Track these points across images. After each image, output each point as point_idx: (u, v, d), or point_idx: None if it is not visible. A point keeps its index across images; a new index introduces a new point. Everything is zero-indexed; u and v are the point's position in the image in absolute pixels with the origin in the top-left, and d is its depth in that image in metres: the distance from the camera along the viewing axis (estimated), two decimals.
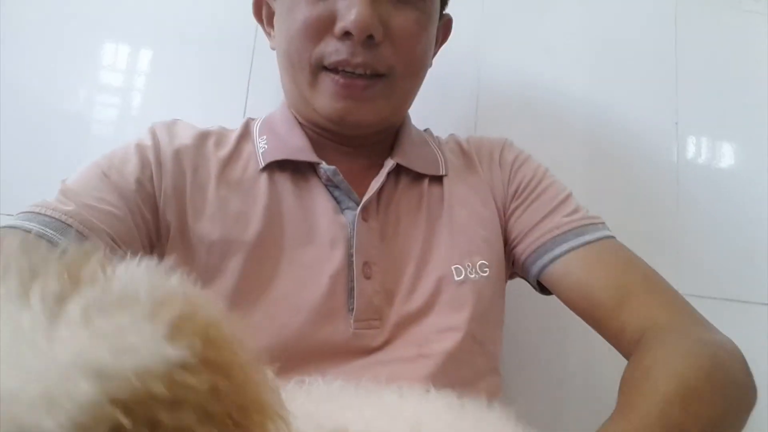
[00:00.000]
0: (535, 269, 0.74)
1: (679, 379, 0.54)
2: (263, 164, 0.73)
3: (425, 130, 0.88)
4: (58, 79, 1.00)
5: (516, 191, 0.79)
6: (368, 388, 0.52)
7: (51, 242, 0.58)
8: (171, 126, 0.75)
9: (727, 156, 1.16)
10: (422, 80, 0.79)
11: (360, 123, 0.73)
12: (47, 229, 0.59)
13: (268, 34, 0.81)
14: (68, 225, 0.60)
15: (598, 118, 1.13)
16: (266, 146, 0.75)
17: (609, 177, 1.11)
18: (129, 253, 0.61)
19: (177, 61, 1.04)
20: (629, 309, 0.66)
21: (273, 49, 0.78)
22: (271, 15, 0.78)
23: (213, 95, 1.03)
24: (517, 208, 0.78)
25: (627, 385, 0.57)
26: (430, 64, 0.80)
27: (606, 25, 1.16)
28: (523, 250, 0.75)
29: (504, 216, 0.78)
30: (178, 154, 0.71)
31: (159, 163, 0.70)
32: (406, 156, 0.78)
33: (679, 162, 1.12)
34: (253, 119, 0.82)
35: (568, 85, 1.12)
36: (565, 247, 0.72)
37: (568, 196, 0.77)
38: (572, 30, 1.15)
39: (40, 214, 0.60)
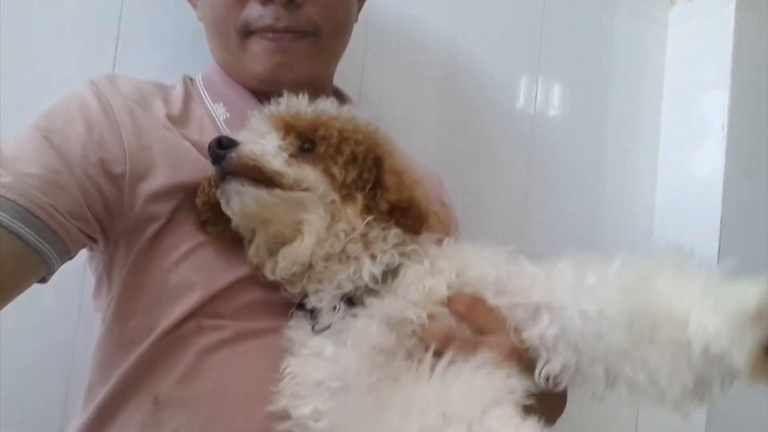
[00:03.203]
0: None
1: None
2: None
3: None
4: None
5: None
6: None
7: None
8: (113, 80, 0.72)
9: (579, 110, 1.29)
10: (349, 37, 0.82)
11: (292, 80, 0.74)
12: None
13: (194, 6, 0.82)
14: (7, 199, 0.55)
15: (457, 60, 1.18)
16: (228, 115, 0.76)
17: (462, 121, 1.17)
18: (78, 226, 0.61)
19: None
20: None
21: (200, 20, 0.80)
22: None
23: None
24: None
25: None
26: (356, 20, 0.83)
27: None
28: None
29: None
30: (131, 110, 0.68)
31: (113, 122, 0.66)
32: None
33: (536, 114, 1.24)
34: (191, 79, 0.81)
35: (428, 24, 1.14)
36: None
37: None
38: None
39: None
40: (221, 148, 0.61)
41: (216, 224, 0.67)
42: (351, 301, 0.62)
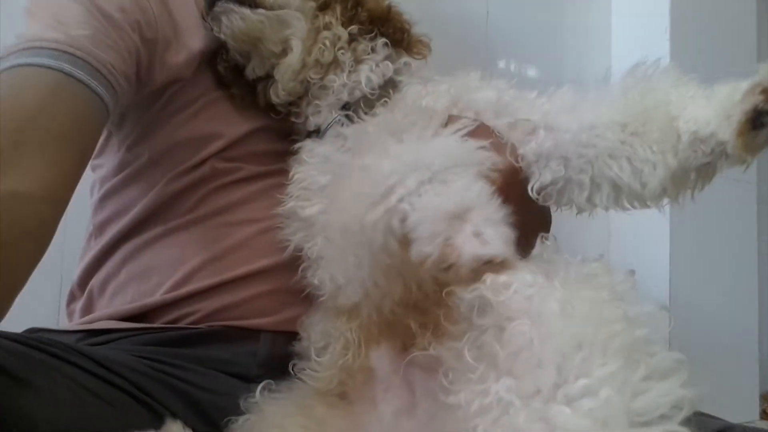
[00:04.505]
0: None
1: None
2: None
3: None
4: None
5: None
6: None
7: (74, 77, 0.54)
8: None
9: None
10: None
11: None
12: (63, 64, 0.54)
13: None
14: (77, 57, 0.55)
15: None
16: None
17: None
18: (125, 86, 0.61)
19: None
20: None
21: None
22: None
23: None
24: None
25: None
26: None
27: None
28: None
29: None
30: None
31: None
32: None
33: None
34: None
35: None
36: None
37: None
38: None
39: (45, 48, 0.54)
40: None
41: (239, 86, 0.72)
42: (349, 109, 0.66)
